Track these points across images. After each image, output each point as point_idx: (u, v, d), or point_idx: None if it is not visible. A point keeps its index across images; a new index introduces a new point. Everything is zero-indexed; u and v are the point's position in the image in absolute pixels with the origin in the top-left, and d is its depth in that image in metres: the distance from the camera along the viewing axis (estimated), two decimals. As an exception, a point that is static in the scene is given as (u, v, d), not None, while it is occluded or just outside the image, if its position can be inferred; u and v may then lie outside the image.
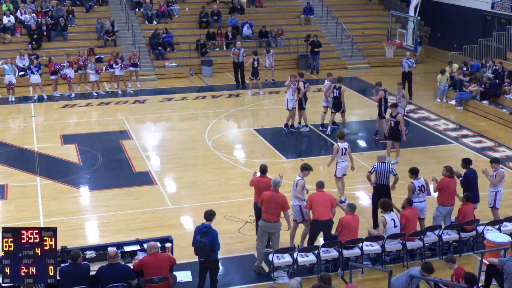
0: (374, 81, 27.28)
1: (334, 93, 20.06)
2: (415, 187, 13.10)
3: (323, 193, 12.57)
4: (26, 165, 17.78)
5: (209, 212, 11.18)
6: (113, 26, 29.08)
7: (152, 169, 17.55)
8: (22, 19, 28.50)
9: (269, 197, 11.94)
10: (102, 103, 24.11)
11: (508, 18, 28.13)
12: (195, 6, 31.99)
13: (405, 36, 28.00)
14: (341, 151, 15.01)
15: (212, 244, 10.95)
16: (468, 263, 12.54)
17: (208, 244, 10.90)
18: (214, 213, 11.22)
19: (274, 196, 11.95)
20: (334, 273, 12.24)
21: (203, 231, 10.97)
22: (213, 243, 10.96)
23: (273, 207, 11.90)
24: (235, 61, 26.59)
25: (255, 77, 25.05)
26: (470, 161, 13.95)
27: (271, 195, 11.98)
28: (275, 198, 11.94)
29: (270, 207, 11.90)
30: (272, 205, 11.90)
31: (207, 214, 11.16)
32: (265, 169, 12.92)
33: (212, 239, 10.93)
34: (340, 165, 15.13)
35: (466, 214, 13.02)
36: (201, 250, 11.00)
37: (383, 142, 19.19)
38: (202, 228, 11.00)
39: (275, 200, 11.91)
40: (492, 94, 22.90)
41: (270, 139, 19.89)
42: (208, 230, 10.96)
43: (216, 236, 11.01)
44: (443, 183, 13.20)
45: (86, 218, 14.74)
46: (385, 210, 12.55)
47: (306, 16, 32.32)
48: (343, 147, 15.03)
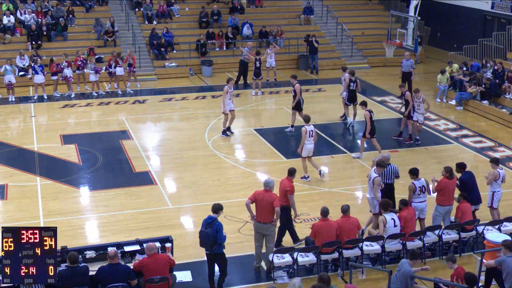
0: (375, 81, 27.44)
1: (350, 86, 20.77)
2: (416, 188, 13.10)
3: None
4: (26, 165, 17.78)
5: (216, 205, 11.42)
6: (113, 26, 29.09)
7: (152, 169, 17.55)
8: (22, 19, 28.50)
9: (262, 197, 11.98)
10: (102, 103, 24.11)
11: (508, 18, 28.13)
12: (195, 6, 31.99)
13: (405, 36, 27.99)
14: (309, 133, 16.06)
15: (216, 236, 11.08)
16: (468, 263, 12.54)
17: (211, 235, 11.05)
18: (221, 207, 11.43)
19: (265, 196, 11.97)
20: (334, 273, 12.25)
21: (208, 222, 11.20)
22: (217, 235, 11.09)
23: (264, 207, 11.93)
24: (244, 61, 26.61)
25: (258, 77, 25.09)
26: (464, 165, 13.88)
27: (263, 195, 12.00)
28: (266, 198, 11.95)
29: (261, 207, 11.95)
30: (264, 205, 11.93)
31: (214, 207, 11.40)
32: (293, 171, 12.99)
33: (216, 230, 11.08)
34: (306, 147, 16.13)
35: (464, 212, 13.02)
36: (204, 240, 11.17)
37: (408, 142, 19.53)
38: (208, 220, 11.24)
39: (266, 200, 11.93)
40: (493, 95, 22.90)
41: (270, 139, 19.88)
42: (213, 222, 11.15)
43: (221, 228, 11.17)
44: (442, 183, 13.20)
45: (86, 218, 14.75)
46: (385, 209, 12.55)
47: (306, 16, 32.33)
48: (310, 129, 16.13)
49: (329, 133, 20.36)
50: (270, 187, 12.04)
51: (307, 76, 28.82)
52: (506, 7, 28.18)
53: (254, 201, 12.06)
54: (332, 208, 12.61)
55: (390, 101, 24.54)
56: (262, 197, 11.96)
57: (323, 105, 23.82)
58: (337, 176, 17.36)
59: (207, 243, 11.17)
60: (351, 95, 20.95)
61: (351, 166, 18.03)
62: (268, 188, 12.03)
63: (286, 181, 12.84)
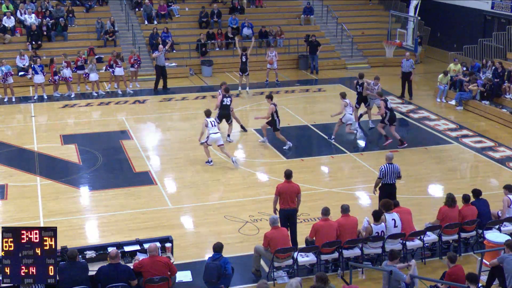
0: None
1: (357, 89, 20.75)
2: (373, 232, 12.40)
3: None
4: (26, 165, 17.78)
5: (218, 244, 11.17)
6: (113, 26, 29.09)
7: (152, 169, 17.55)
8: (22, 19, 28.50)
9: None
10: (102, 103, 24.11)
11: (508, 18, 28.12)
12: (195, 6, 31.98)
13: (405, 36, 28.00)
14: (210, 124, 17.35)
15: (225, 267, 10.91)
16: (468, 263, 12.54)
17: (219, 267, 10.86)
18: (223, 246, 11.24)
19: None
20: (334, 273, 12.25)
21: (214, 258, 11.03)
22: (226, 266, 10.93)
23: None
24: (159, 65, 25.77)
25: (244, 73, 25.05)
26: (479, 191, 13.47)
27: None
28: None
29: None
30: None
31: (218, 246, 11.14)
32: (289, 174, 13.03)
33: (225, 262, 10.96)
34: (211, 137, 17.40)
35: (465, 215, 12.95)
36: (211, 273, 10.90)
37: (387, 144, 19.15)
38: (213, 256, 11.07)
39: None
40: (493, 95, 22.89)
41: (270, 139, 19.88)
42: (220, 257, 11.02)
43: (229, 261, 11.06)
44: (443, 212, 12.91)
45: (86, 218, 14.74)
46: (386, 210, 12.55)
47: (306, 16, 32.33)
48: (211, 121, 17.47)
49: (329, 133, 20.34)
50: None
51: (307, 76, 28.82)
52: (506, 7, 28.18)
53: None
54: (332, 208, 12.60)
55: (390, 101, 24.45)
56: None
57: (323, 105, 23.81)
58: (337, 176, 17.36)
59: (214, 275, 10.90)
60: (359, 98, 20.91)
61: (351, 166, 18.04)
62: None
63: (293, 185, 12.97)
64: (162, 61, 25.56)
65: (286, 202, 12.83)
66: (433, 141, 20.18)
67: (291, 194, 12.85)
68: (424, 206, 15.21)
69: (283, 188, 12.88)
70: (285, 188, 12.90)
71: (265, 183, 16.84)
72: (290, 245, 11.99)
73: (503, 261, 10.67)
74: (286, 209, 12.82)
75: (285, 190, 12.86)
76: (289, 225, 12.84)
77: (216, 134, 17.43)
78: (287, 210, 12.82)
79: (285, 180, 13.02)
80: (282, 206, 12.88)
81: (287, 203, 12.83)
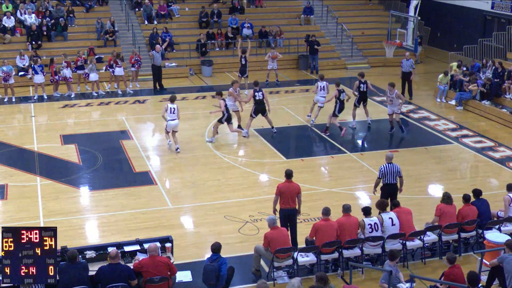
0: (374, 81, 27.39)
1: (361, 88, 20.89)
2: (365, 225, 12.39)
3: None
4: (26, 165, 17.78)
5: (217, 244, 11.20)
6: (113, 26, 29.09)
7: (152, 169, 17.54)
8: (22, 19, 28.50)
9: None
10: (102, 103, 24.11)
11: (508, 18, 28.12)
12: (195, 6, 31.99)
13: (405, 36, 27.97)
14: (170, 110, 18.26)
15: (222, 268, 10.98)
16: (468, 263, 12.53)
17: (218, 269, 10.93)
18: (221, 246, 11.27)
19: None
20: (334, 273, 12.24)
21: (213, 259, 11.07)
22: (222, 267, 10.99)
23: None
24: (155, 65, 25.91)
25: (243, 75, 25.07)
26: (479, 191, 13.48)
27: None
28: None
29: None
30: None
31: (216, 247, 11.17)
32: (290, 174, 13.02)
33: (222, 262, 11.02)
34: (169, 123, 18.39)
35: (466, 215, 12.96)
36: (210, 275, 10.96)
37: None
38: (212, 257, 11.11)
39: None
40: (494, 95, 22.89)
41: (270, 139, 19.88)
42: (218, 258, 11.06)
43: (226, 262, 11.11)
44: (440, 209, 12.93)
45: (86, 218, 14.74)
46: (382, 209, 12.55)
47: (306, 16, 32.32)
48: (172, 106, 18.35)
49: (329, 133, 20.34)
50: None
51: (307, 76, 28.82)
52: (506, 7, 28.18)
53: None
54: (332, 208, 12.59)
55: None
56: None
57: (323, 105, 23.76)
58: (337, 176, 17.36)
59: (212, 277, 10.95)
60: (362, 97, 20.96)
61: (351, 166, 18.03)
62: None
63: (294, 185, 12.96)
64: (159, 61, 25.59)
65: (286, 202, 12.83)
66: (433, 141, 20.18)
67: (291, 194, 12.85)
68: (424, 206, 15.20)
69: (284, 188, 12.88)
70: (285, 187, 12.90)
71: (265, 183, 16.85)
72: (290, 245, 11.99)
73: (503, 261, 10.67)
74: (287, 209, 12.82)
75: (286, 190, 12.86)
76: (289, 225, 12.85)
77: (174, 120, 18.37)
78: (287, 210, 12.82)
79: (286, 179, 13.01)
80: (282, 206, 12.87)
81: (288, 203, 12.83)
